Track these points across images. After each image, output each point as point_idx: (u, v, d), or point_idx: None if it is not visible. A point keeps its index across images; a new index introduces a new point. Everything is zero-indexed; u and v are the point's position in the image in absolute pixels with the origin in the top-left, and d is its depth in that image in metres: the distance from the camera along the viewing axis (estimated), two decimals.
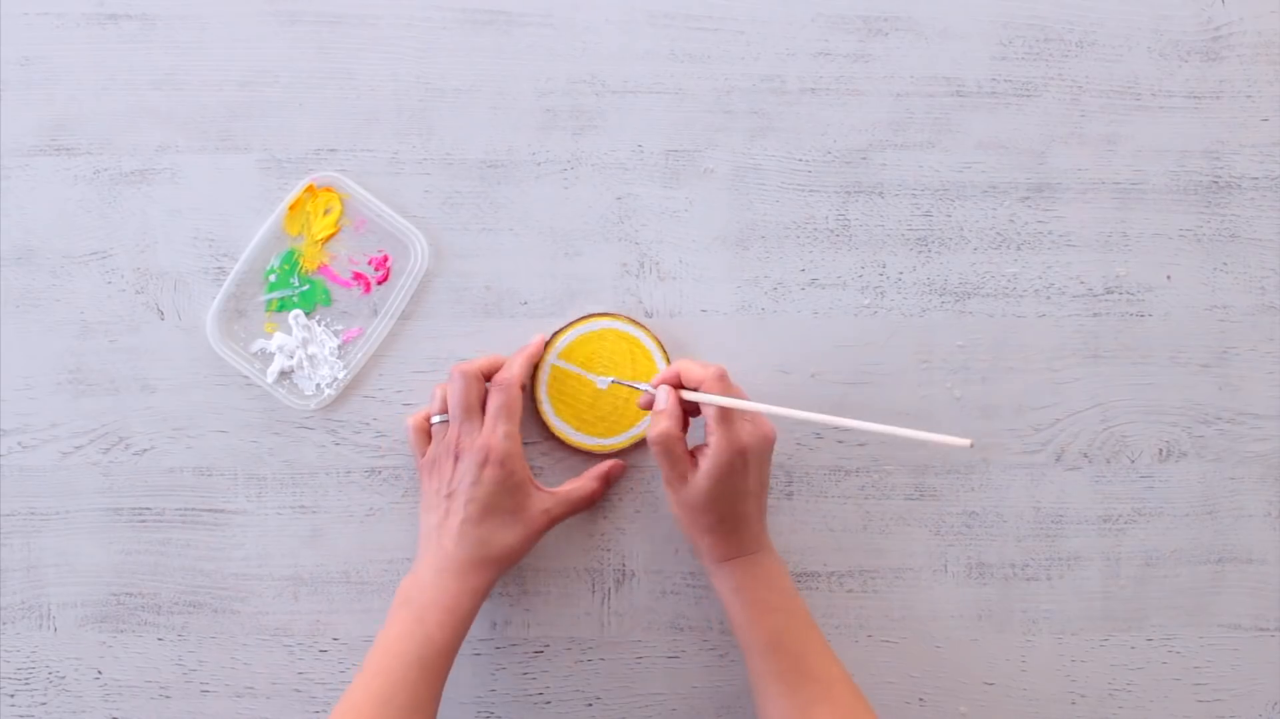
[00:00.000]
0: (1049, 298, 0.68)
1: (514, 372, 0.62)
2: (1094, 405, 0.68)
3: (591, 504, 0.65)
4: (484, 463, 0.60)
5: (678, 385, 0.61)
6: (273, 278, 0.66)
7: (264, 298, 0.66)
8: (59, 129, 0.66)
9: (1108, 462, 0.68)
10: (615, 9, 0.67)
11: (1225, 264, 0.68)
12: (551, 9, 0.67)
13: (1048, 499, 0.68)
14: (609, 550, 0.67)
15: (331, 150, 0.66)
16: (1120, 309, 0.68)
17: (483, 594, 0.61)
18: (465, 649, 0.66)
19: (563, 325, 0.66)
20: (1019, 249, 0.68)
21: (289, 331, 0.65)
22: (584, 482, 0.65)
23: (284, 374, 0.65)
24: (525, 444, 0.66)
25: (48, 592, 0.66)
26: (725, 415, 0.58)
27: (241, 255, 0.65)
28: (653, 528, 0.67)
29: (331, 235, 0.66)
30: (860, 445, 0.67)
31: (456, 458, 0.61)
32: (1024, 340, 0.68)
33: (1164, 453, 0.68)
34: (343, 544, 0.66)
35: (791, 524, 0.67)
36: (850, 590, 0.67)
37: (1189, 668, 0.68)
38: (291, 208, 0.65)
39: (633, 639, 0.67)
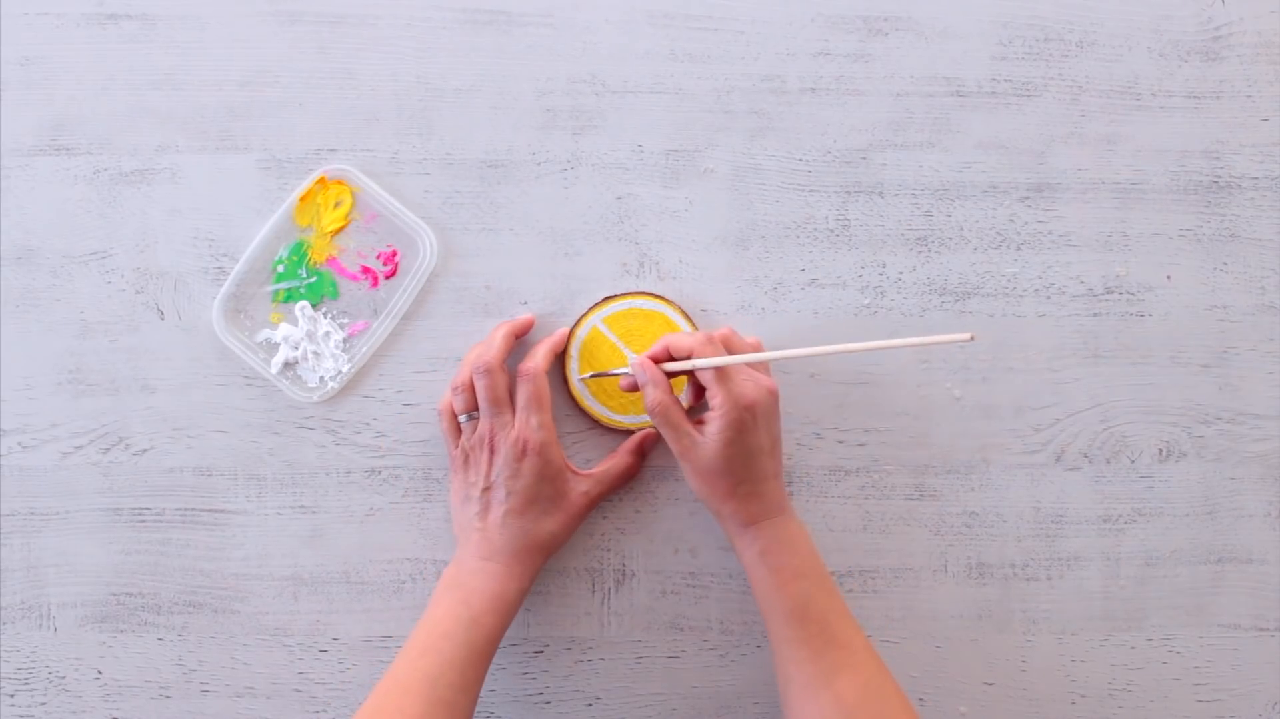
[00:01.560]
0: (1049, 298, 0.68)
1: (538, 361, 0.62)
2: (1094, 405, 0.68)
3: (630, 478, 0.65)
4: (522, 455, 0.61)
5: (666, 359, 0.61)
6: (281, 268, 0.66)
7: (271, 288, 0.66)
8: (59, 129, 0.66)
9: (1108, 462, 0.68)
10: (615, 9, 0.67)
11: (1225, 264, 0.68)
12: (551, 9, 0.67)
13: (1048, 499, 0.68)
14: (609, 550, 0.67)
15: (331, 150, 0.66)
16: (1120, 309, 0.68)
17: (529, 581, 0.61)
18: None
19: (595, 303, 0.66)
20: (1019, 249, 0.68)
21: (295, 323, 0.66)
22: (619, 458, 0.65)
23: (288, 365, 0.65)
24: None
25: (48, 592, 0.66)
26: (722, 374, 0.58)
27: (250, 244, 0.65)
28: (653, 528, 0.67)
29: (341, 228, 0.66)
30: (860, 445, 0.67)
31: (491, 452, 0.61)
32: (1024, 340, 0.68)
33: (1164, 453, 0.68)
34: (343, 544, 0.66)
35: None
36: (850, 590, 0.67)
37: (1189, 668, 0.68)
38: (302, 199, 0.65)
39: (633, 639, 0.67)
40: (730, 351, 0.61)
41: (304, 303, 0.65)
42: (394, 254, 0.66)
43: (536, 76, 0.67)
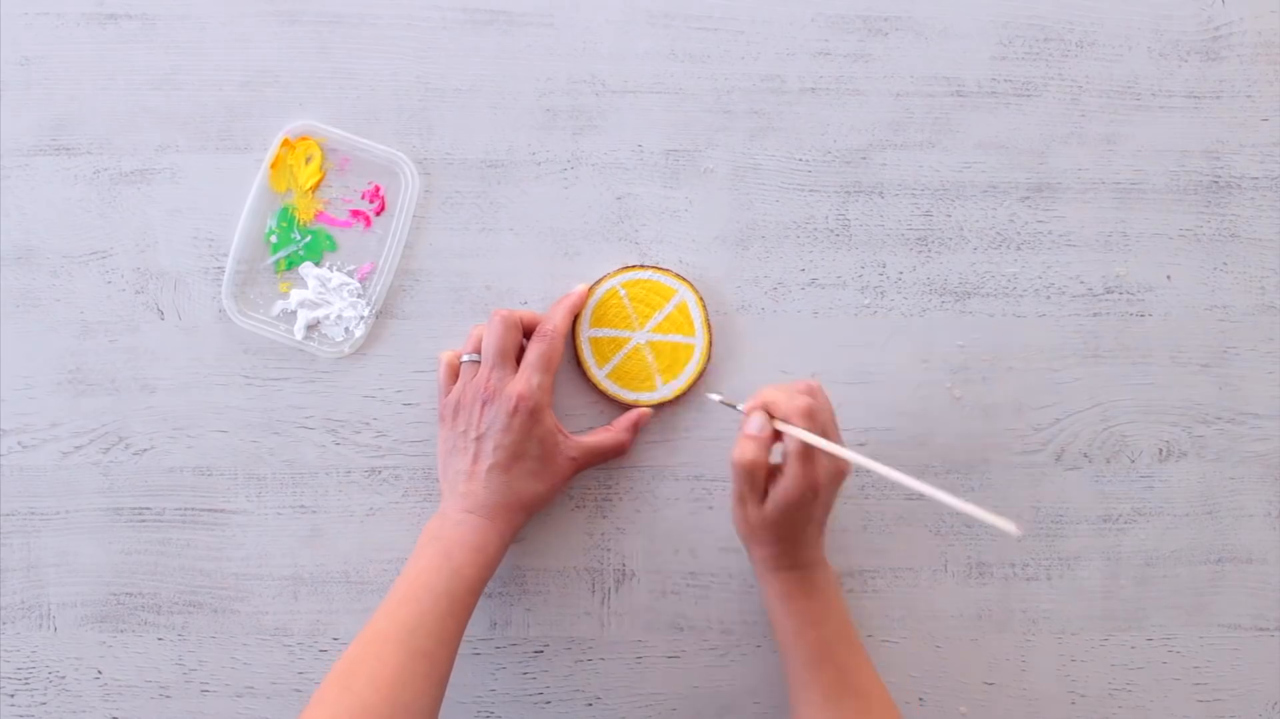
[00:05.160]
0: (1049, 298, 0.68)
1: (558, 322, 0.62)
2: (1094, 405, 0.68)
3: (620, 453, 0.65)
4: (514, 411, 0.60)
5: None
6: (274, 239, 0.66)
7: (270, 260, 0.66)
8: (59, 129, 0.66)
9: (1108, 462, 0.68)
10: (615, 9, 0.67)
11: (1225, 264, 0.68)
12: (551, 9, 0.67)
13: (1048, 499, 0.68)
14: (609, 550, 0.67)
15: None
16: (1120, 309, 0.68)
17: (509, 538, 0.61)
18: (465, 649, 0.66)
19: (617, 268, 0.66)
20: (1019, 249, 0.68)
21: (304, 285, 0.66)
22: (613, 433, 0.65)
23: (311, 328, 0.66)
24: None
25: (48, 592, 0.66)
26: (807, 452, 0.57)
27: (236, 226, 0.65)
28: (653, 528, 0.67)
29: (319, 182, 0.66)
30: (860, 445, 0.67)
31: (485, 402, 0.61)
32: (1024, 340, 0.68)
33: (1164, 453, 0.68)
34: (343, 544, 0.66)
35: None
36: (850, 590, 0.67)
37: (1189, 668, 0.68)
38: (273, 166, 0.65)
39: (633, 639, 0.67)
40: (816, 415, 0.57)
41: (306, 264, 0.66)
42: (377, 189, 0.66)
43: (536, 76, 0.67)
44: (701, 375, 0.66)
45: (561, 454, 0.62)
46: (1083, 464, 0.68)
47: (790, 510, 0.57)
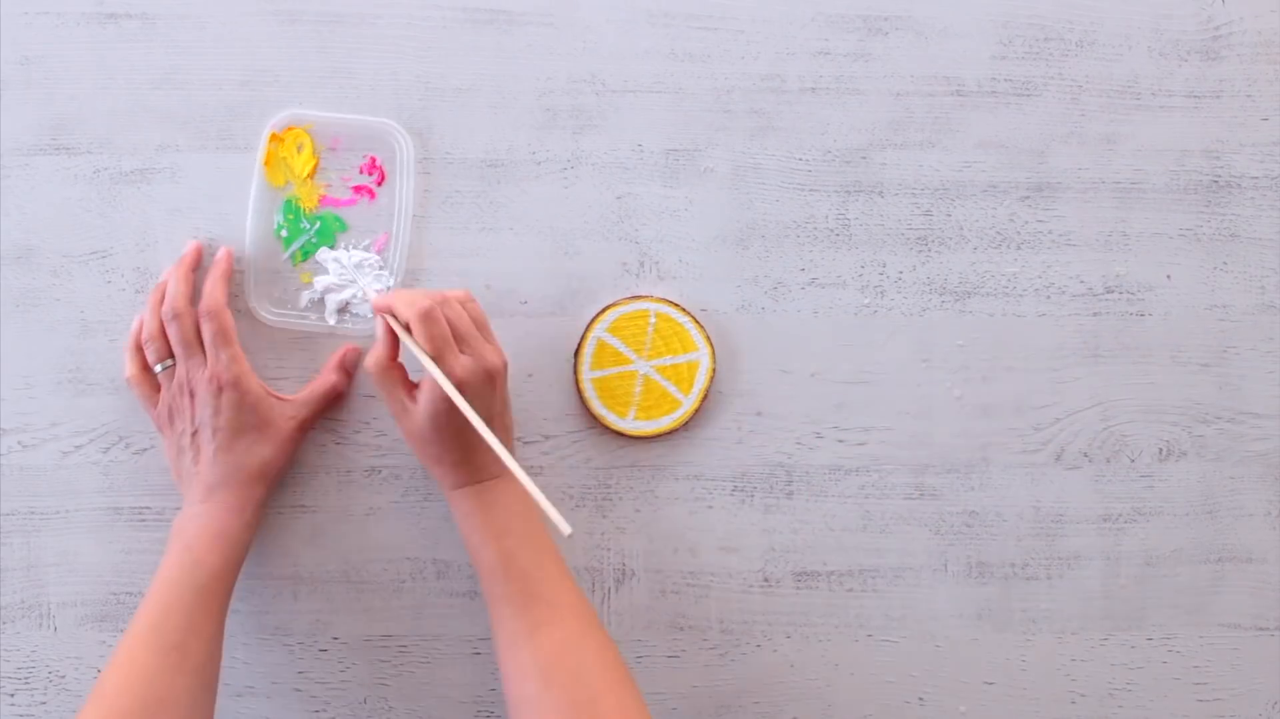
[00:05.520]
0: (1049, 297, 0.68)
1: (217, 297, 0.62)
2: (1094, 405, 0.68)
3: (337, 397, 0.65)
4: (219, 392, 0.61)
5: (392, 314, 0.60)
6: (284, 233, 0.66)
7: (286, 255, 0.66)
8: (59, 129, 0.66)
9: (1108, 461, 0.68)
10: (615, 9, 0.67)
11: (1225, 264, 0.68)
12: (551, 9, 0.66)
13: (1048, 499, 0.68)
14: (609, 550, 0.67)
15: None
16: (1120, 309, 0.68)
17: (251, 514, 0.61)
18: (465, 649, 0.66)
19: (604, 306, 0.66)
20: (1019, 249, 0.68)
21: (325, 271, 0.66)
22: (323, 376, 0.65)
23: (342, 311, 0.66)
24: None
25: (48, 591, 0.66)
26: (436, 351, 0.57)
27: (245, 231, 0.65)
28: (653, 528, 0.67)
29: (315, 167, 0.66)
30: (860, 445, 0.67)
31: (191, 395, 0.62)
32: (1024, 340, 0.68)
33: (1164, 453, 0.68)
34: (343, 544, 0.66)
35: (792, 524, 0.67)
36: (850, 590, 0.67)
37: (1189, 668, 0.68)
38: (267, 163, 0.65)
39: (633, 639, 0.67)
40: (435, 319, 0.57)
41: (322, 249, 0.66)
42: (373, 161, 0.66)
43: (536, 76, 0.67)
44: (675, 430, 0.66)
45: (280, 416, 0.63)
46: (1083, 464, 0.68)
47: (435, 415, 0.58)
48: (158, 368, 0.63)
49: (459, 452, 0.60)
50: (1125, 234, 0.68)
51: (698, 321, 0.66)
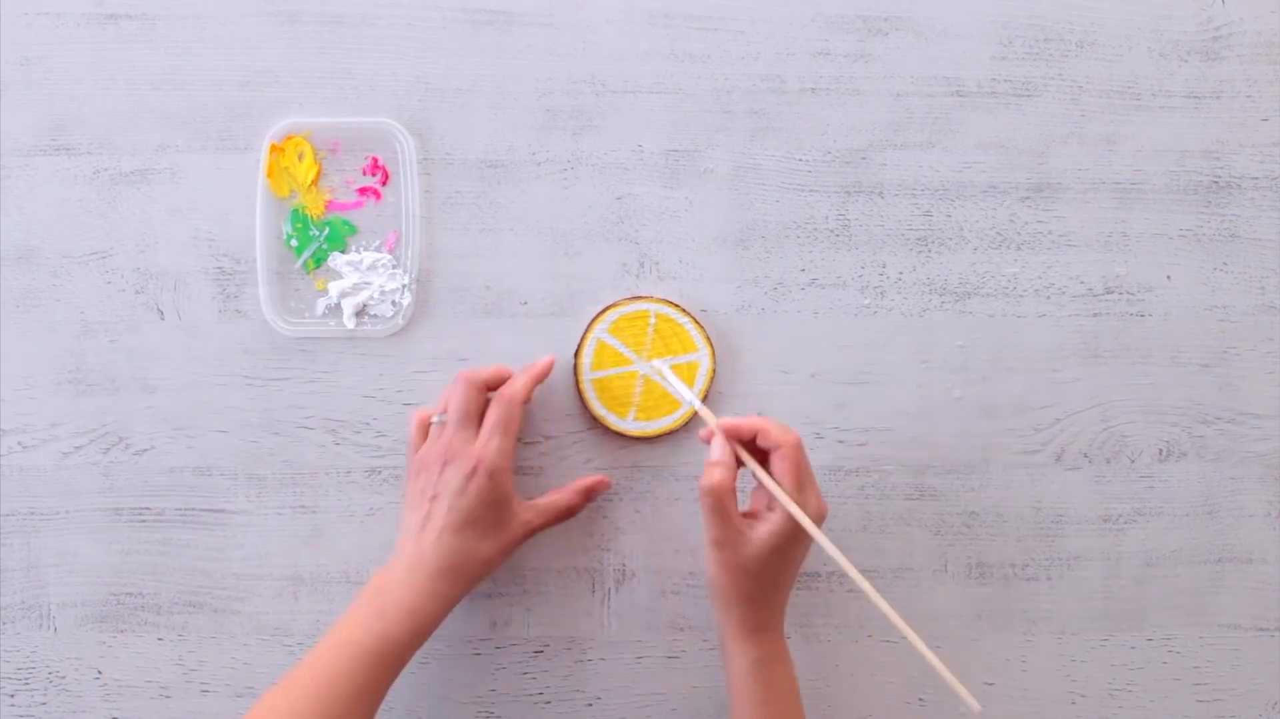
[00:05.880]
0: (1049, 298, 0.68)
1: (517, 389, 0.62)
2: (1094, 405, 0.68)
3: (570, 517, 0.65)
4: (472, 474, 0.60)
5: (743, 439, 0.59)
6: (294, 242, 0.66)
7: (298, 264, 0.66)
8: (59, 129, 0.66)
9: (1108, 462, 0.68)
10: (615, 9, 0.67)
11: (1225, 264, 0.68)
12: (551, 9, 0.67)
13: (1048, 499, 0.68)
14: (609, 550, 0.67)
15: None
16: (1120, 309, 0.68)
17: (451, 602, 0.60)
18: (465, 649, 0.66)
19: (604, 307, 0.66)
20: (1019, 249, 0.68)
21: (340, 276, 0.66)
22: (566, 495, 0.64)
23: (359, 314, 0.66)
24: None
25: (48, 592, 0.66)
26: (802, 484, 0.57)
27: (255, 244, 0.65)
28: (653, 528, 0.67)
29: (318, 174, 0.66)
30: (860, 445, 0.67)
31: (445, 463, 0.60)
32: (1024, 340, 0.68)
33: (1164, 453, 0.68)
34: (343, 544, 0.66)
35: None
36: (850, 590, 0.67)
37: (1189, 668, 0.68)
38: (269, 175, 0.65)
39: (633, 639, 0.67)
40: (808, 462, 0.58)
41: (333, 254, 0.66)
42: (375, 162, 0.66)
43: (536, 76, 0.67)
44: (676, 430, 0.66)
45: (516, 518, 0.62)
46: (1083, 464, 0.68)
47: (781, 549, 0.57)
48: (435, 419, 0.62)
49: (770, 591, 0.58)
50: (1125, 234, 0.68)
51: (698, 322, 0.66)
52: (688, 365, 0.66)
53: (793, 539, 0.57)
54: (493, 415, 0.61)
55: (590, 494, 0.65)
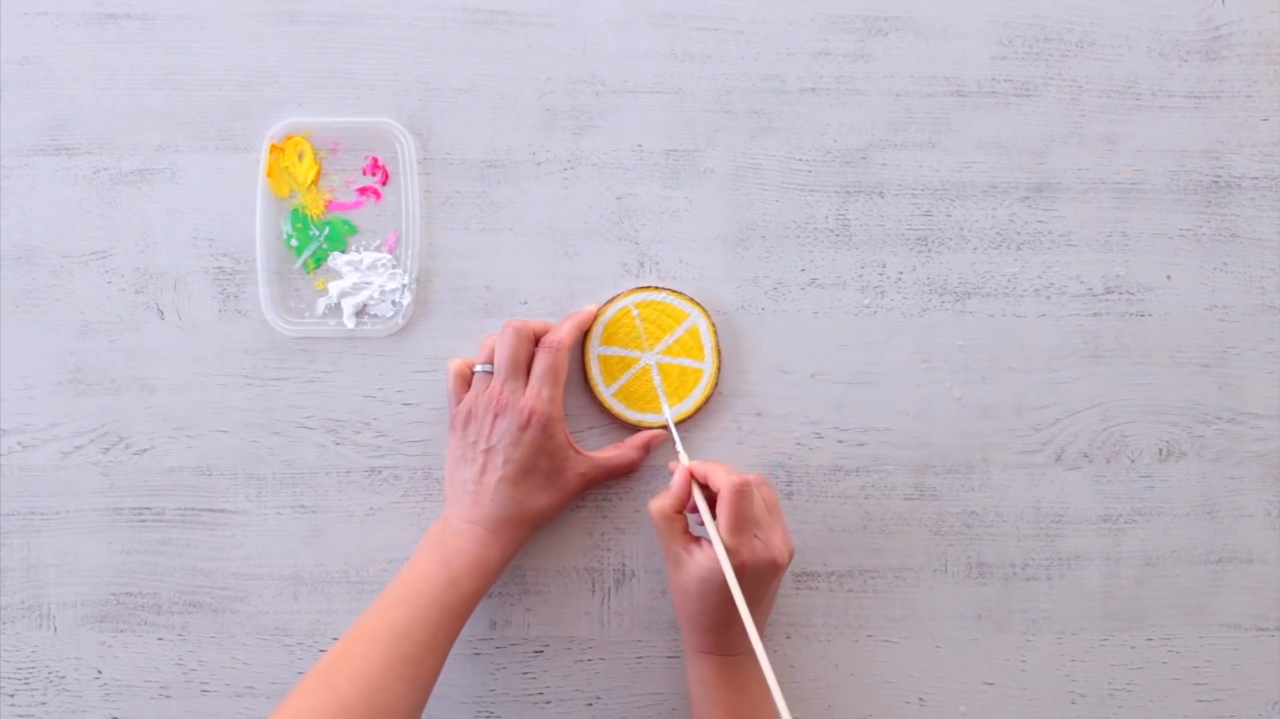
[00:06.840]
0: (1049, 298, 0.68)
1: (563, 335, 0.62)
2: (1094, 405, 0.68)
3: (629, 472, 0.65)
4: (526, 425, 0.60)
5: (702, 482, 0.60)
6: (294, 242, 0.66)
7: (298, 264, 0.66)
8: (59, 129, 0.66)
9: (1108, 462, 0.68)
10: (615, 9, 0.67)
11: (1225, 264, 0.68)
12: (551, 9, 0.67)
13: (1048, 499, 0.68)
14: (609, 550, 0.67)
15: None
16: (1120, 309, 0.68)
17: (513, 551, 0.61)
18: (465, 649, 0.66)
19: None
20: (1019, 249, 0.68)
21: (340, 276, 0.66)
22: (625, 450, 0.65)
23: (359, 314, 0.66)
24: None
25: (48, 591, 0.66)
26: (737, 527, 0.57)
27: (255, 244, 0.65)
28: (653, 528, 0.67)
29: (318, 174, 0.66)
30: (860, 445, 0.67)
31: (497, 414, 0.61)
32: (1024, 340, 0.68)
33: (1164, 453, 0.68)
34: (343, 544, 0.66)
35: (792, 524, 0.67)
36: (850, 590, 0.67)
37: (1189, 668, 0.68)
38: (269, 175, 0.65)
39: (633, 639, 0.67)
40: (746, 496, 0.58)
41: (333, 254, 0.66)
42: (375, 161, 0.66)
43: (536, 76, 0.67)
44: (708, 400, 0.66)
45: (572, 469, 0.62)
46: (1083, 464, 0.68)
47: (707, 583, 0.58)
48: (478, 367, 0.62)
49: (716, 619, 0.59)
50: (1125, 234, 0.68)
51: (674, 290, 0.66)
52: (688, 332, 0.66)
53: (720, 575, 0.57)
54: (541, 363, 0.61)
55: (648, 448, 0.65)
